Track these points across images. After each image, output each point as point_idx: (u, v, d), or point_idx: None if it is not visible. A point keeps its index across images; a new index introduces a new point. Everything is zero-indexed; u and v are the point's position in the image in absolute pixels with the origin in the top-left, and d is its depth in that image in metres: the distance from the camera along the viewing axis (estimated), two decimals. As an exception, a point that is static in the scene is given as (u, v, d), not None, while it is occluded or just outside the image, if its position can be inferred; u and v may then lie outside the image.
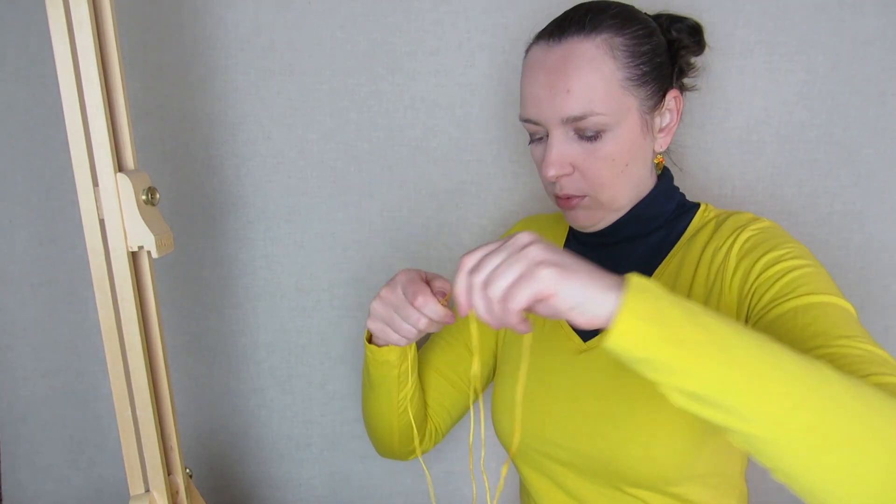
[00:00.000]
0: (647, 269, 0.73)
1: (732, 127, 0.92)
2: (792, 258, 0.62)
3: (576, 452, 0.71)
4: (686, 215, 0.74)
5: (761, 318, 0.60)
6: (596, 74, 0.65)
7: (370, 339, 0.75)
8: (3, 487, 1.07)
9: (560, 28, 0.68)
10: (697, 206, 0.75)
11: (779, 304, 0.59)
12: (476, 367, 0.77)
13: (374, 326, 0.67)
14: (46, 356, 1.03)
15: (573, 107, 0.65)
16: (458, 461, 1.02)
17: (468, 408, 0.87)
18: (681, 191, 0.77)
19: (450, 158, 0.97)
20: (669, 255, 0.72)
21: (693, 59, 0.77)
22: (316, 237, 1.00)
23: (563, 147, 0.68)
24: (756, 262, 0.63)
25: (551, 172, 0.68)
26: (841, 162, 0.90)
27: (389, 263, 0.99)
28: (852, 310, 0.58)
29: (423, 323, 0.63)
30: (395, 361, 0.74)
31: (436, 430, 0.86)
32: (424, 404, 0.84)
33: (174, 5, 0.94)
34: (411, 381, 0.77)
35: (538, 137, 0.72)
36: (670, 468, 0.66)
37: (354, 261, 1.00)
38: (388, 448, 0.84)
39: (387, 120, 0.96)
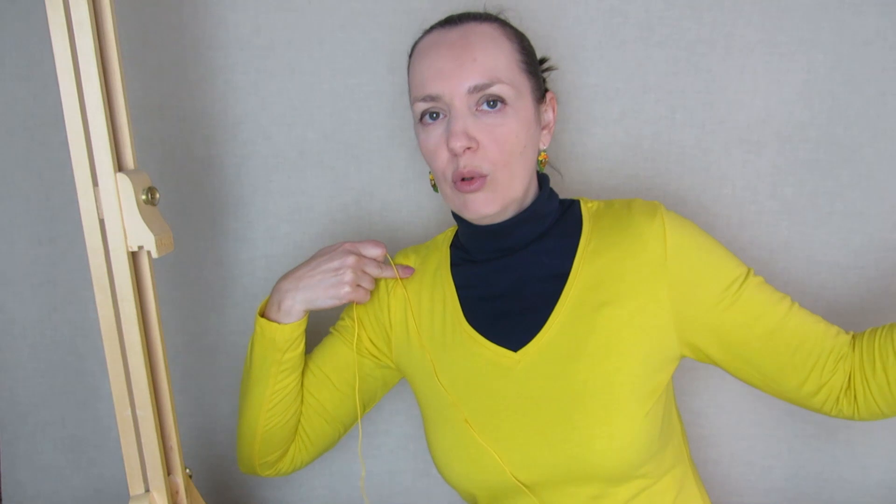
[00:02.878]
0: (562, 266, 0.73)
1: (732, 127, 0.91)
2: (707, 250, 0.71)
3: (542, 466, 0.69)
4: (572, 209, 0.77)
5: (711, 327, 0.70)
6: (498, 49, 0.70)
7: (263, 315, 0.77)
8: (3, 487, 1.07)
9: (452, 20, 0.73)
10: (576, 201, 0.79)
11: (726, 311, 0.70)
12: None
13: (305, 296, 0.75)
14: (46, 356, 1.03)
15: (479, 75, 0.68)
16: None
17: (334, 440, 0.86)
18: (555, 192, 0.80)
19: (450, 158, 0.97)
20: (580, 246, 0.74)
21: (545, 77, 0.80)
22: (316, 237, 1.00)
23: (468, 121, 0.69)
24: (694, 270, 0.70)
25: (459, 143, 0.68)
26: (841, 162, 0.90)
27: (389, 263, 0.99)
28: (753, 275, 0.72)
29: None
30: (282, 345, 0.75)
31: (297, 455, 0.84)
32: (297, 423, 0.82)
33: (174, 5, 0.94)
34: (292, 378, 0.77)
35: (432, 116, 0.71)
36: (636, 452, 0.67)
37: (354, 261, 1.00)
38: (248, 453, 0.81)
39: (387, 120, 0.96)
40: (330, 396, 0.82)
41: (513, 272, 0.75)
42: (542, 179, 0.78)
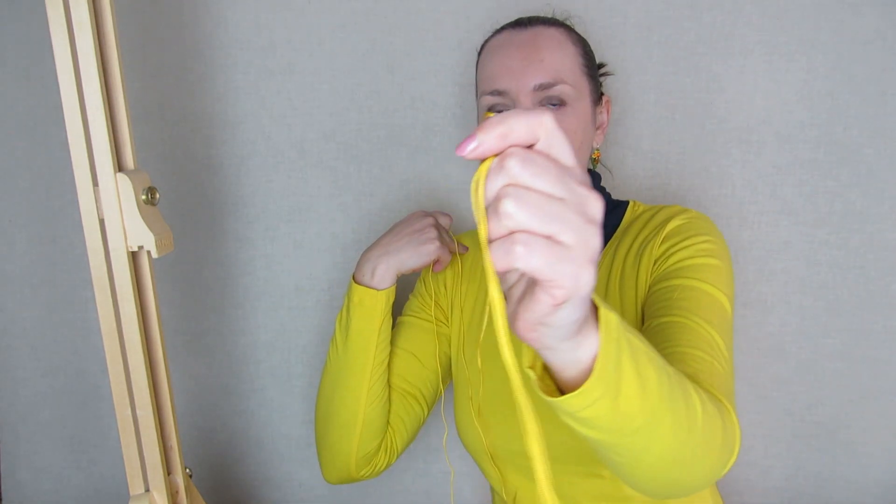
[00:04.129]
0: None
1: (732, 127, 0.91)
2: (704, 252, 0.69)
3: (548, 441, 0.72)
4: (617, 211, 0.81)
5: (651, 290, 0.69)
6: (564, 52, 0.75)
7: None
8: (3, 487, 1.07)
9: (522, 22, 0.78)
10: (626, 202, 0.82)
11: (670, 280, 0.68)
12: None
13: (399, 257, 0.77)
14: (46, 356, 1.03)
15: (546, 74, 0.73)
16: (457, 460, 1.02)
17: (423, 420, 0.86)
18: (607, 190, 0.84)
19: (450, 158, 0.97)
20: (605, 249, 0.78)
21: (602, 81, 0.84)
22: (316, 237, 1.00)
23: None
24: (673, 245, 0.70)
25: None
26: (841, 162, 0.90)
27: (389, 263, 0.99)
28: (727, 305, 0.67)
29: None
30: (382, 311, 0.77)
31: (392, 444, 0.83)
32: (388, 411, 0.82)
33: (174, 5, 0.94)
34: (388, 351, 0.80)
35: (498, 111, 0.74)
36: None
37: (354, 261, 1.00)
38: (346, 448, 0.79)
39: (387, 120, 0.96)
40: (418, 374, 0.84)
41: None
42: (593, 178, 0.82)
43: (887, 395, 0.93)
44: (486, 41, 0.80)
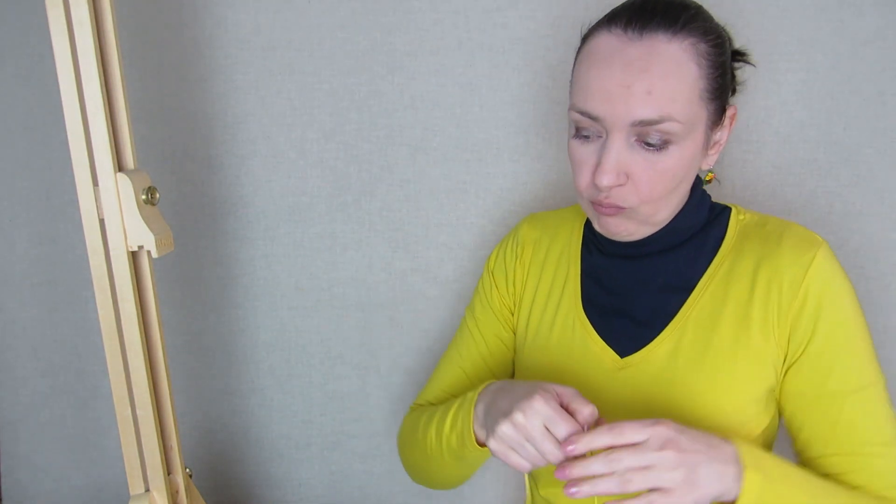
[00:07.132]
0: (688, 279, 0.68)
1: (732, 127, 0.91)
2: (849, 336, 0.64)
3: None
4: (720, 219, 0.71)
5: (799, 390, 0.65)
6: (680, 80, 0.60)
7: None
8: (3, 487, 1.07)
9: (642, 19, 0.61)
10: (728, 209, 0.72)
11: (827, 383, 0.64)
12: None
13: (497, 447, 0.61)
14: (46, 356, 1.03)
15: (651, 110, 0.59)
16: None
17: None
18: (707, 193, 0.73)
19: (450, 158, 0.97)
20: (714, 263, 0.68)
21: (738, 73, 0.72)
22: (316, 237, 1.00)
23: (623, 154, 0.61)
24: (818, 328, 0.64)
25: (606, 181, 0.61)
26: (841, 162, 0.90)
27: (389, 263, 0.99)
28: (883, 381, 0.65)
29: (558, 459, 0.58)
30: (488, 455, 0.68)
31: None
32: None
33: (174, 5, 0.95)
34: None
35: (586, 135, 0.64)
36: None
37: (354, 261, 1.00)
38: (432, 487, 0.84)
39: (387, 120, 0.96)
40: (465, 389, 0.81)
41: (637, 274, 0.71)
42: (694, 187, 0.70)
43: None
44: (593, 34, 0.64)
